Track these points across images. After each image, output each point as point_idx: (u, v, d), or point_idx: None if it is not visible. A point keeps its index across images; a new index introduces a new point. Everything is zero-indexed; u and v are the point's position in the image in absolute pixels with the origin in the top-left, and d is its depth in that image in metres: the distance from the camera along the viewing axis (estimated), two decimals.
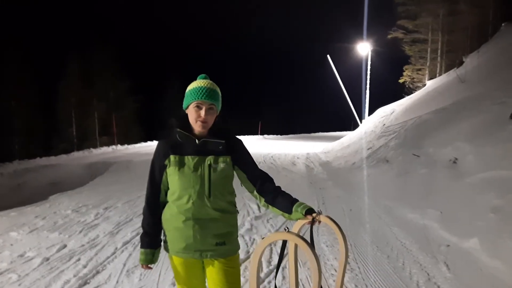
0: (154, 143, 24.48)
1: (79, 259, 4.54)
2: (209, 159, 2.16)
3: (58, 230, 5.76)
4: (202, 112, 2.12)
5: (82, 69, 33.39)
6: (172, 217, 2.19)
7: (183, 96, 2.24)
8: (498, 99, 7.44)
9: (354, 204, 7.27)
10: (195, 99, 2.12)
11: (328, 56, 28.14)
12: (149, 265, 2.34)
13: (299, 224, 2.06)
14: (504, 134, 5.94)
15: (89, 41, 34.95)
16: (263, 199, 2.24)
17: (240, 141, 2.33)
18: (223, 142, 2.22)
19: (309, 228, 2.02)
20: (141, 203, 7.49)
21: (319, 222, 1.97)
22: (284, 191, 2.23)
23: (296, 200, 2.14)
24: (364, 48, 25.01)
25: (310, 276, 3.89)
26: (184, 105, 2.23)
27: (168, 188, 2.26)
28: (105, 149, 21.34)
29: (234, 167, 2.26)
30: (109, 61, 34.71)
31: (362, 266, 4.27)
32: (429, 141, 7.95)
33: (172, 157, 2.17)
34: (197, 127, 2.16)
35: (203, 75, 2.24)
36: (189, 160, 2.15)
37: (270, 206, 2.21)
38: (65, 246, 5.04)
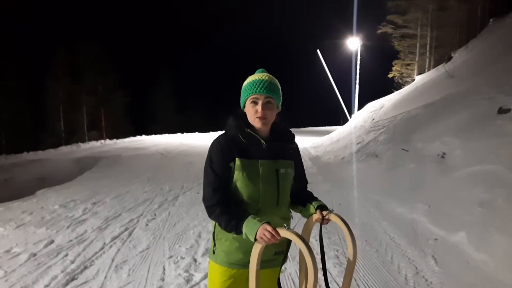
0: (144, 138, 24.55)
1: (66, 255, 4.49)
2: (278, 164, 1.97)
3: (46, 226, 5.69)
4: (259, 107, 1.90)
5: (70, 63, 33.04)
6: None
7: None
8: (486, 94, 7.51)
9: (343, 198, 7.30)
10: (251, 93, 1.92)
11: (318, 51, 28.16)
12: (268, 227, 1.67)
13: (309, 223, 2.01)
14: (492, 129, 6.00)
15: (76, 34, 34.66)
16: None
17: (297, 145, 2.18)
18: (292, 146, 2.09)
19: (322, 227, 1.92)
20: (130, 198, 7.46)
21: (328, 220, 1.91)
22: (308, 191, 2.18)
23: (315, 198, 2.09)
24: (353, 43, 25.07)
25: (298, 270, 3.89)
26: (241, 103, 2.02)
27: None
28: (93, 143, 21.18)
29: None
30: (97, 54, 34.39)
31: None
32: (418, 136, 8.01)
33: (238, 160, 1.90)
34: (256, 123, 1.94)
35: (260, 69, 2.03)
36: (258, 165, 1.92)
37: (290, 207, 2.12)
38: (52, 241, 4.98)
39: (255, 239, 1.71)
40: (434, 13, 23.00)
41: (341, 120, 33.65)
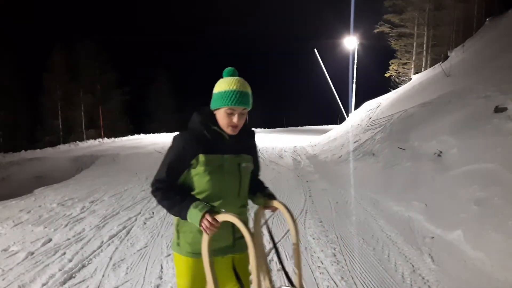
0: (142, 136, 24.51)
1: (64, 253, 4.50)
2: (240, 159, 2.08)
3: (43, 224, 5.70)
4: (235, 118, 1.97)
5: (68, 61, 32.92)
6: None
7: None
8: (482, 93, 7.53)
9: (340, 196, 7.32)
10: (227, 104, 1.94)
11: (315, 49, 28.14)
12: (214, 216, 1.83)
13: (259, 211, 2.19)
14: (488, 128, 6.03)
15: (74, 32, 34.55)
16: None
17: (255, 142, 2.30)
18: (252, 140, 2.23)
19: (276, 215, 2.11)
20: (127, 196, 7.47)
21: (275, 208, 2.11)
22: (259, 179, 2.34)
23: (264, 187, 2.27)
24: (350, 42, 25.06)
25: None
26: (212, 106, 2.04)
27: (188, 188, 2.04)
28: (91, 142, 21.18)
29: None
30: (95, 52, 34.29)
31: (348, 258, 4.31)
32: (415, 135, 8.03)
33: (201, 156, 1.96)
34: (228, 131, 2.01)
35: (230, 69, 2.04)
36: (223, 159, 2.01)
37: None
38: (50, 240, 4.99)
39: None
40: (430, 12, 23.06)
41: (338, 119, 33.72)
